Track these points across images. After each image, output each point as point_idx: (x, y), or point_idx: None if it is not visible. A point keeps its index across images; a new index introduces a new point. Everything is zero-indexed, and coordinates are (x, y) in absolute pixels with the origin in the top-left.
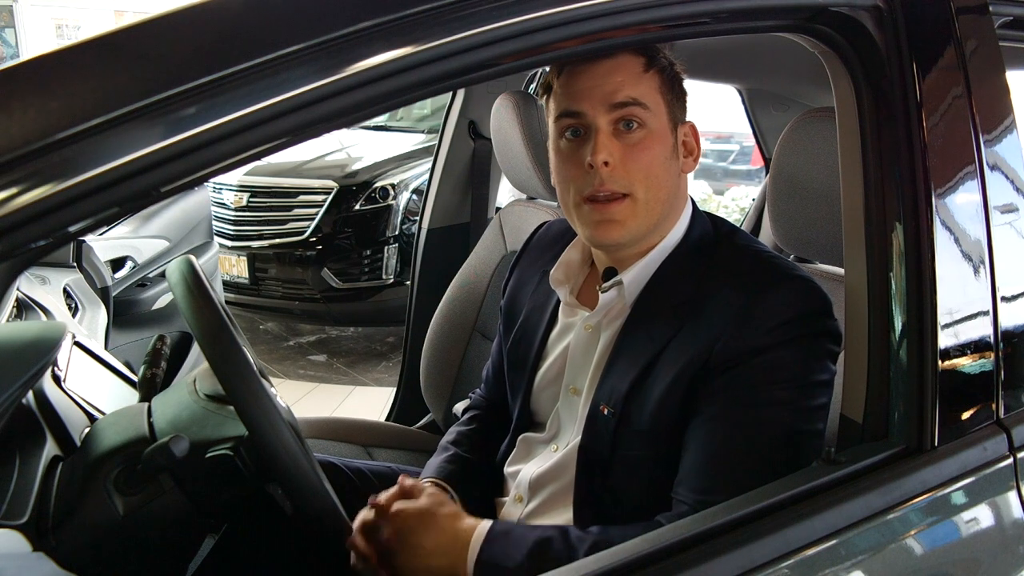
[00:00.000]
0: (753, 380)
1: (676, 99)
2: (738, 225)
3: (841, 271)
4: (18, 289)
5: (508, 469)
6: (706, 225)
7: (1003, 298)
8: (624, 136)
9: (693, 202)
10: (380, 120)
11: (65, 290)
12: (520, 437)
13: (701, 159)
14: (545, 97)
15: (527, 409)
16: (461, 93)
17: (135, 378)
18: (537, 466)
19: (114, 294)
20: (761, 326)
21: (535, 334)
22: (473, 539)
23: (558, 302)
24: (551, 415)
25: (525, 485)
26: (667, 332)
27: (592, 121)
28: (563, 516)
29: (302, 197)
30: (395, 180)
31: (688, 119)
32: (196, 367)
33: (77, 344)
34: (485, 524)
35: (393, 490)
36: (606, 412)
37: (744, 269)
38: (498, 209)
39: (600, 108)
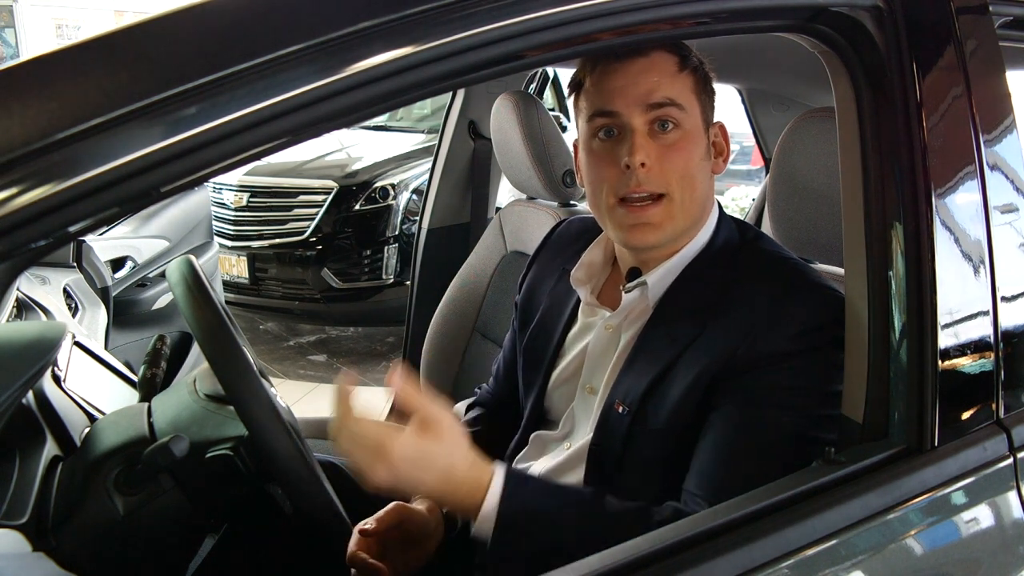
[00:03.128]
0: (771, 385)
1: (708, 99)
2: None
3: (841, 271)
4: (18, 289)
5: (518, 466)
6: (732, 229)
7: (1003, 298)
8: (660, 137)
9: (720, 206)
10: (380, 120)
11: (65, 290)
12: (533, 434)
13: None
14: (574, 95)
15: (540, 406)
16: (461, 93)
17: (135, 378)
18: (548, 462)
19: (114, 294)
20: (784, 333)
21: (553, 332)
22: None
23: (578, 301)
24: (565, 413)
25: None
26: (689, 334)
27: (627, 121)
28: None
29: (302, 197)
30: (395, 180)
31: (717, 119)
32: (196, 367)
33: (77, 344)
34: (496, 482)
35: (382, 513)
36: (621, 410)
37: (769, 275)
38: (498, 209)
39: (636, 108)
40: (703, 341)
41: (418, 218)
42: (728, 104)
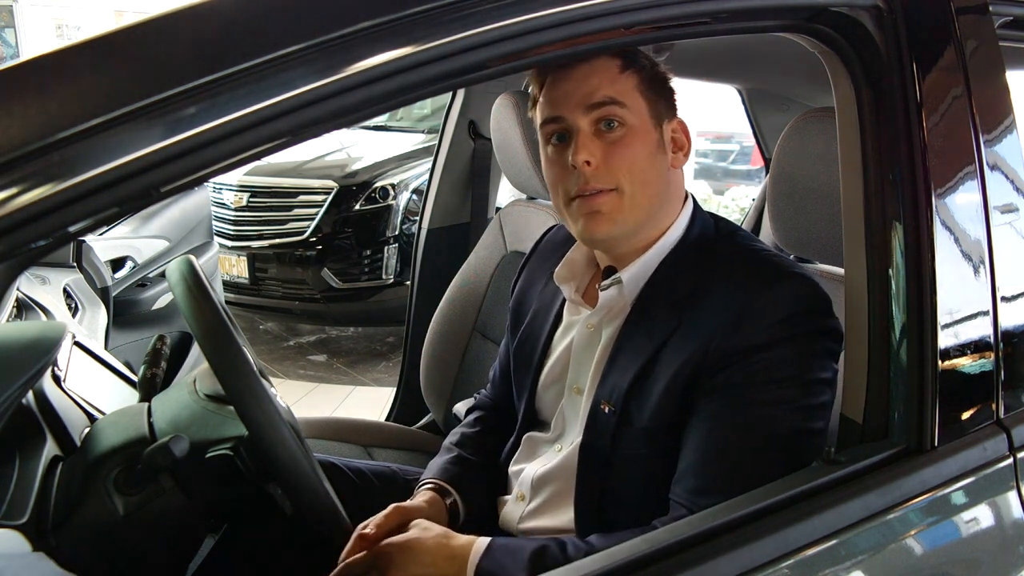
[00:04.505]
0: (751, 378)
1: (658, 96)
2: (738, 225)
3: (841, 271)
4: (18, 289)
5: (512, 468)
6: (707, 223)
7: (1003, 298)
8: (605, 135)
9: (695, 200)
10: (380, 120)
11: (65, 290)
12: (525, 436)
13: (701, 159)
14: (533, 110)
15: (532, 408)
16: (461, 93)
17: (135, 378)
18: (540, 465)
19: (114, 294)
20: (760, 323)
21: (540, 333)
22: (472, 554)
23: (563, 302)
24: (555, 414)
25: (528, 483)
26: (666, 329)
27: (572, 124)
28: (564, 515)
29: (302, 197)
30: (395, 180)
31: (678, 116)
32: (196, 367)
33: (77, 344)
34: (483, 540)
35: (381, 516)
36: (607, 410)
37: (744, 267)
38: (498, 209)
39: (578, 110)
40: (680, 336)
41: (418, 218)
42: (729, 104)
